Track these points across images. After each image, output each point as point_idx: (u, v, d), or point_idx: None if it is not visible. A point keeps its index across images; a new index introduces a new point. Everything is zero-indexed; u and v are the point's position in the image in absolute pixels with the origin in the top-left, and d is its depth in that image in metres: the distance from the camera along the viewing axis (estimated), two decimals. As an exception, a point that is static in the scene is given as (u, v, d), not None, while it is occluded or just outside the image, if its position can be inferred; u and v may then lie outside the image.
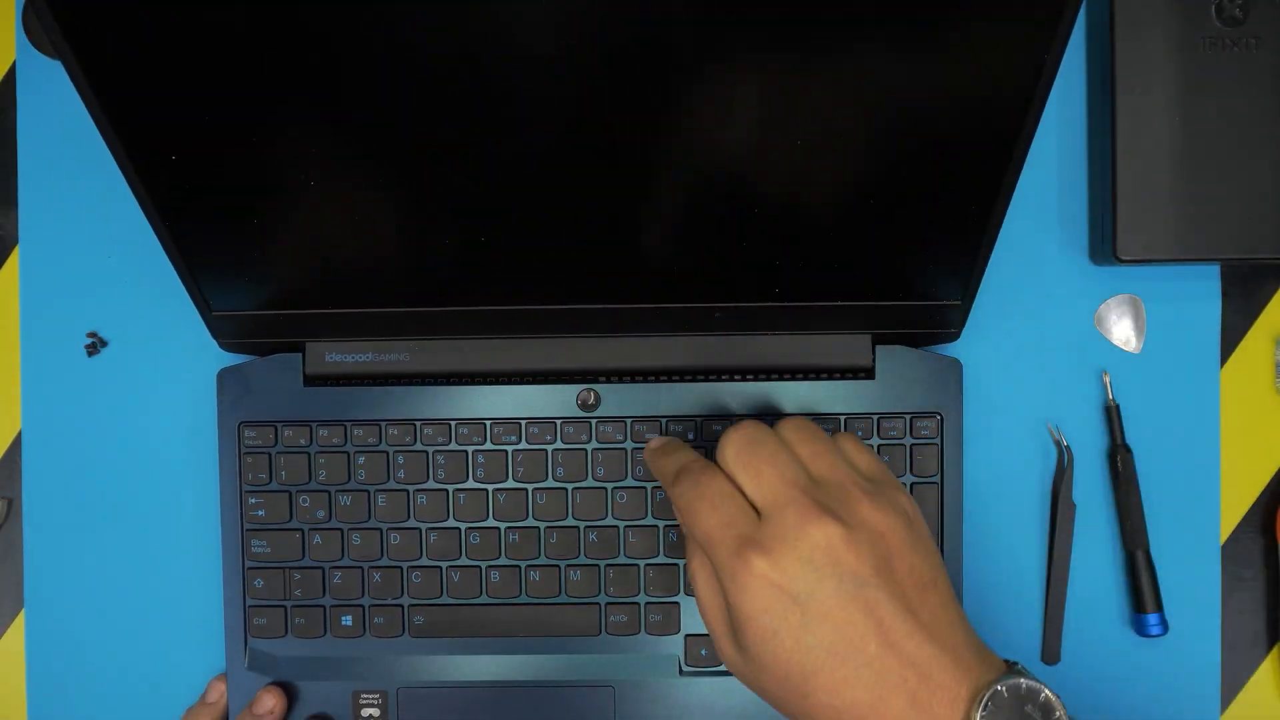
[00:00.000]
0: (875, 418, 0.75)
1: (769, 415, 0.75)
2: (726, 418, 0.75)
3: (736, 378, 0.76)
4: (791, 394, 0.76)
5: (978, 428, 0.78)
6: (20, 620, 0.79)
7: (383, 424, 0.76)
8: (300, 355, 0.76)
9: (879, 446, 0.75)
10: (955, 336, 0.76)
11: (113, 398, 0.80)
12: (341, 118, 0.62)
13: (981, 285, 0.72)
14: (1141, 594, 0.76)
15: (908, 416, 0.75)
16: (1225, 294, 0.79)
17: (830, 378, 0.76)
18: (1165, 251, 0.75)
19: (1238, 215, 0.75)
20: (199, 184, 0.66)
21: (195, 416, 0.79)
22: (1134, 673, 0.77)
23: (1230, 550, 0.78)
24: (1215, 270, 0.79)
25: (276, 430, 0.76)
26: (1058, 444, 0.78)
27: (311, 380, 0.77)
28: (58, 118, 0.80)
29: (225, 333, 0.75)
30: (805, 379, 0.76)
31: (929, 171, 0.65)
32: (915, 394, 0.75)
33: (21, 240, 0.80)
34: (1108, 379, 0.78)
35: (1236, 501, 0.78)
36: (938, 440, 0.75)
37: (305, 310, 0.73)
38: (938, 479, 0.75)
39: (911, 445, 0.75)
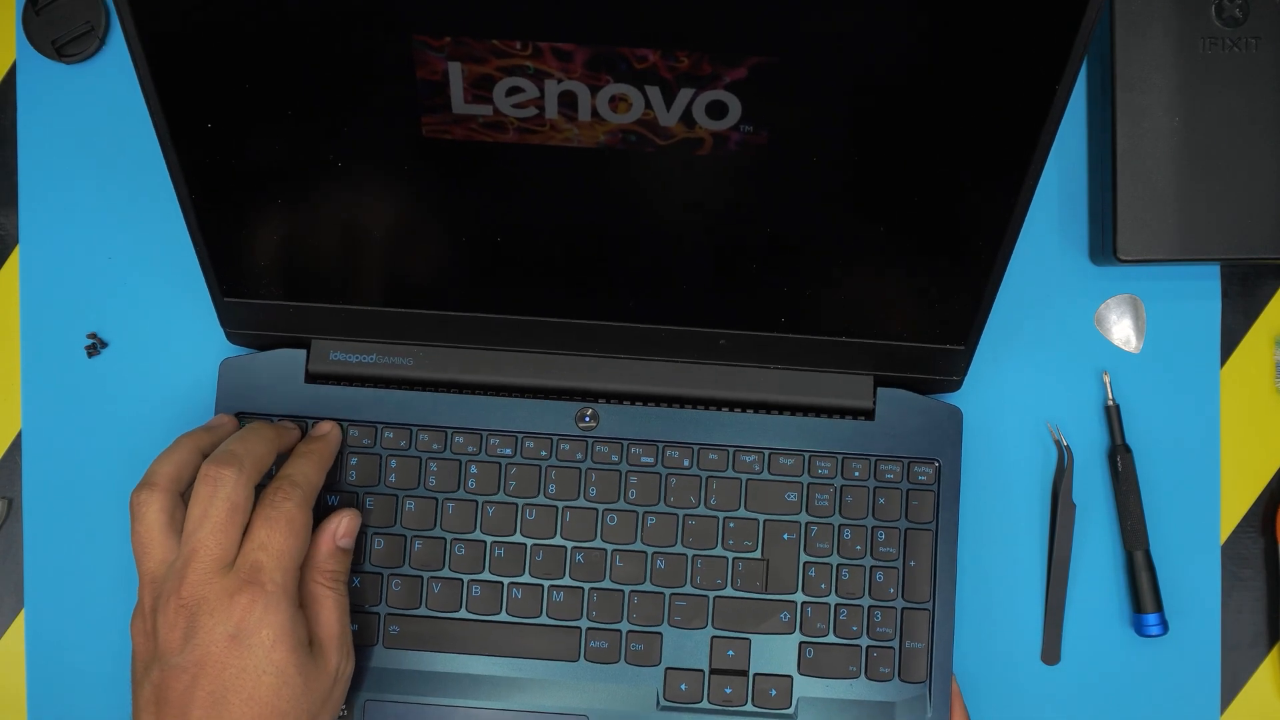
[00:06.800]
0: (873, 459, 0.74)
1: (765, 449, 0.74)
2: (723, 447, 0.74)
3: (737, 409, 0.75)
4: (791, 430, 0.74)
5: (978, 428, 0.77)
6: (20, 619, 0.78)
7: (379, 426, 0.74)
8: (304, 352, 0.75)
9: (875, 489, 0.74)
10: (957, 386, 0.75)
11: (112, 398, 0.78)
12: (375, 118, 0.63)
13: (980, 285, 0.72)
14: (1141, 594, 0.75)
15: (905, 461, 0.74)
16: (1225, 294, 0.78)
17: (831, 416, 0.75)
18: (1165, 251, 0.74)
19: (1238, 215, 0.74)
20: (231, 157, 0.65)
21: (194, 418, 0.77)
22: (1134, 673, 0.76)
23: (1230, 550, 0.77)
24: (1215, 270, 0.78)
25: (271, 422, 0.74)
26: (1058, 444, 0.77)
27: (313, 378, 0.75)
28: (57, 118, 0.79)
29: (234, 321, 0.74)
30: (806, 415, 0.75)
31: (933, 218, 0.66)
32: (914, 439, 0.74)
33: (21, 240, 0.79)
34: (1108, 379, 0.77)
35: (1236, 501, 0.77)
36: (934, 487, 0.74)
37: (316, 304, 0.73)
38: (932, 526, 0.74)
39: (908, 490, 0.74)
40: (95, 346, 0.79)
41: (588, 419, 0.75)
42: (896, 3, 0.56)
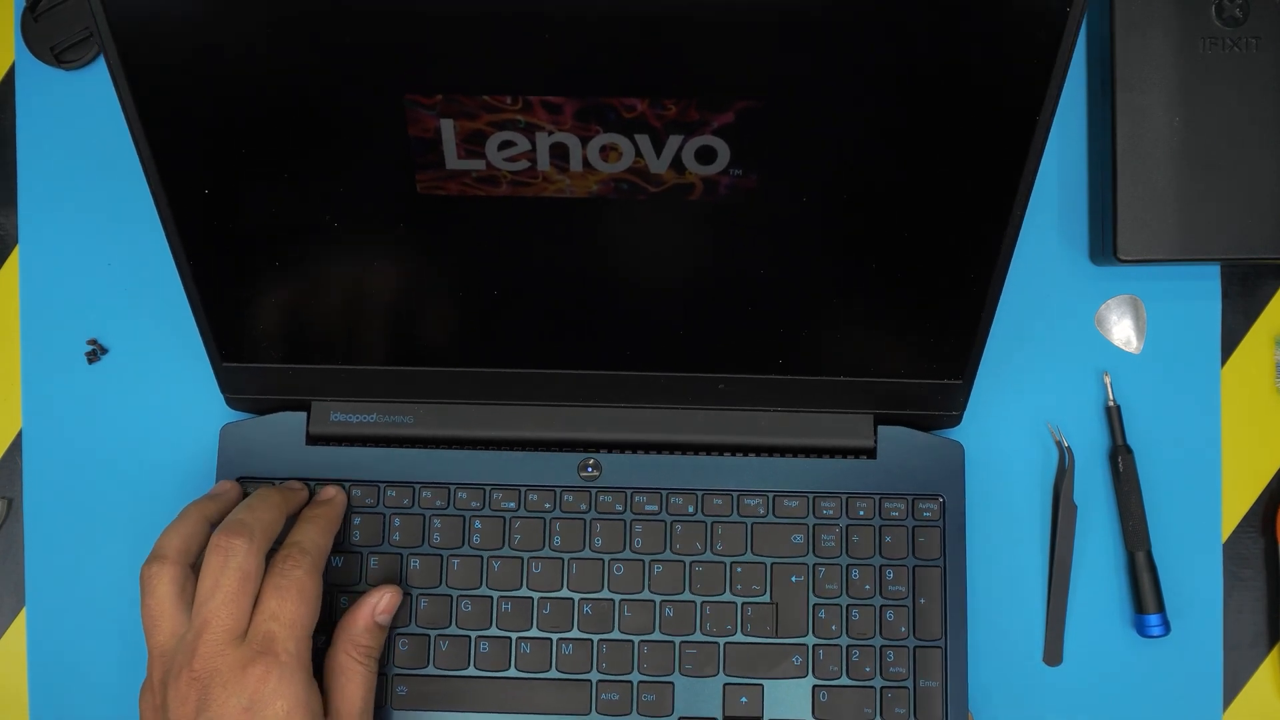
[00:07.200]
0: (877, 498, 0.74)
1: (769, 492, 0.74)
2: (726, 492, 0.74)
3: (739, 453, 0.74)
4: (794, 471, 0.74)
5: (979, 430, 0.77)
6: (22, 618, 0.78)
7: (381, 485, 0.74)
8: (304, 415, 0.75)
9: (881, 527, 0.73)
10: (957, 421, 0.75)
11: (113, 399, 0.78)
12: (369, 177, 0.63)
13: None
14: (1143, 595, 0.75)
15: (910, 498, 0.74)
16: (1225, 294, 0.78)
17: (833, 456, 0.74)
18: (1165, 251, 0.74)
19: (1238, 215, 0.73)
20: (229, 223, 0.66)
21: (194, 419, 0.78)
22: (1136, 673, 0.76)
23: (1231, 550, 0.77)
24: (1215, 270, 0.78)
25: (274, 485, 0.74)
26: (1059, 445, 0.77)
27: (314, 440, 0.75)
28: (56, 123, 0.79)
29: (234, 387, 0.74)
30: (808, 457, 0.74)
31: (924, 255, 0.66)
32: (917, 475, 0.74)
33: (21, 241, 0.79)
34: (1108, 379, 0.77)
35: (1237, 501, 0.77)
36: (940, 523, 0.74)
37: (315, 365, 0.73)
38: (940, 562, 0.73)
39: (913, 527, 0.73)
40: (95, 353, 0.78)
41: (590, 469, 0.74)
42: (876, 44, 0.56)
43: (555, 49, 0.56)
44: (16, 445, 0.79)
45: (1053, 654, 0.76)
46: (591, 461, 0.74)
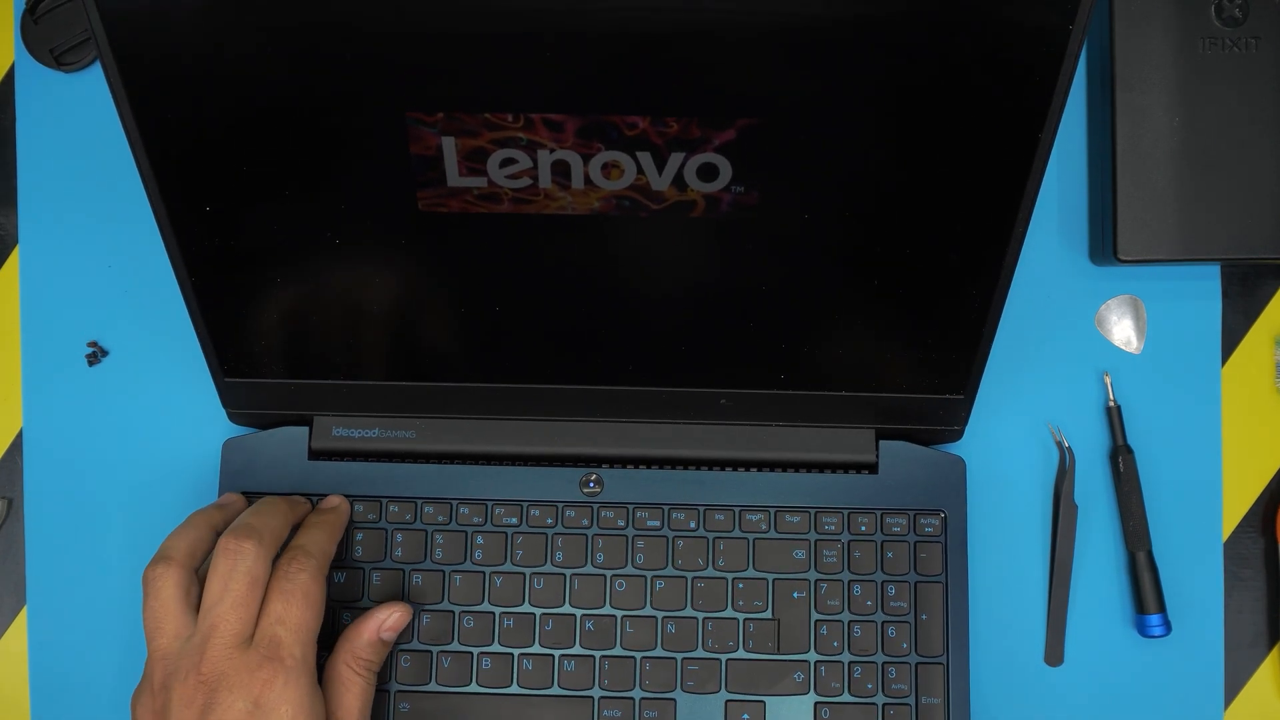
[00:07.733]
0: (879, 513, 0.73)
1: (771, 507, 0.74)
2: (728, 507, 0.73)
3: (741, 469, 0.74)
4: (796, 487, 0.74)
5: (979, 430, 0.76)
6: (23, 618, 0.78)
7: (384, 501, 0.74)
8: (305, 430, 0.75)
9: (882, 543, 0.73)
10: (959, 435, 0.75)
11: (114, 401, 0.78)
12: (371, 195, 0.63)
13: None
14: (1144, 595, 0.75)
15: (911, 513, 0.74)
16: (1225, 294, 0.77)
17: (834, 472, 0.74)
18: (1165, 251, 0.73)
19: (1238, 215, 0.73)
20: (230, 240, 0.65)
21: (194, 421, 0.78)
22: (1137, 673, 0.76)
23: (1231, 550, 0.77)
24: (1215, 270, 0.77)
25: None
26: (1059, 445, 0.77)
27: (316, 455, 0.75)
28: (56, 126, 0.79)
29: (236, 402, 0.74)
30: (809, 472, 0.74)
31: (926, 272, 0.66)
32: (918, 491, 0.74)
33: (21, 240, 0.79)
34: (1109, 380, 0.77)
35: (1237, 501, 0.77)
36: (941, 539, 0.73)
37: (317, 380, 0.72)
38: (942, 578, 0.73)
39: (915, 543, 0.73)
40: (96, 355, 0.78)
41: (592, 484, 0.74)
42: (878, 62, 0.56)
43: (557, 67, 0.56)
44: (17, 445, 0.79)
45: (1054, 654, 0.76)
46: (593, 477, 0.74)
